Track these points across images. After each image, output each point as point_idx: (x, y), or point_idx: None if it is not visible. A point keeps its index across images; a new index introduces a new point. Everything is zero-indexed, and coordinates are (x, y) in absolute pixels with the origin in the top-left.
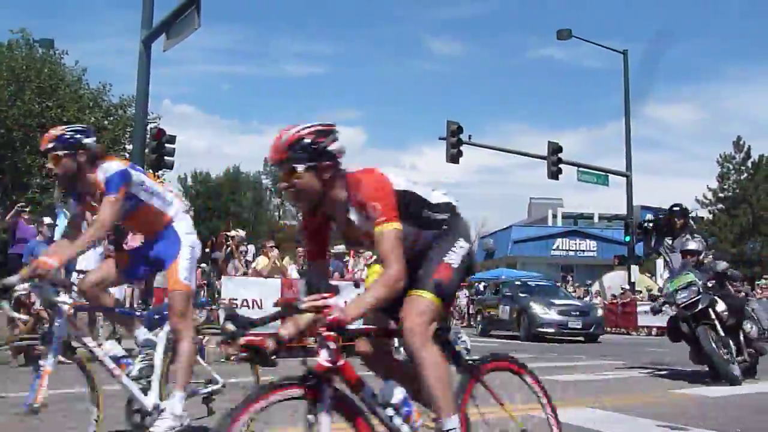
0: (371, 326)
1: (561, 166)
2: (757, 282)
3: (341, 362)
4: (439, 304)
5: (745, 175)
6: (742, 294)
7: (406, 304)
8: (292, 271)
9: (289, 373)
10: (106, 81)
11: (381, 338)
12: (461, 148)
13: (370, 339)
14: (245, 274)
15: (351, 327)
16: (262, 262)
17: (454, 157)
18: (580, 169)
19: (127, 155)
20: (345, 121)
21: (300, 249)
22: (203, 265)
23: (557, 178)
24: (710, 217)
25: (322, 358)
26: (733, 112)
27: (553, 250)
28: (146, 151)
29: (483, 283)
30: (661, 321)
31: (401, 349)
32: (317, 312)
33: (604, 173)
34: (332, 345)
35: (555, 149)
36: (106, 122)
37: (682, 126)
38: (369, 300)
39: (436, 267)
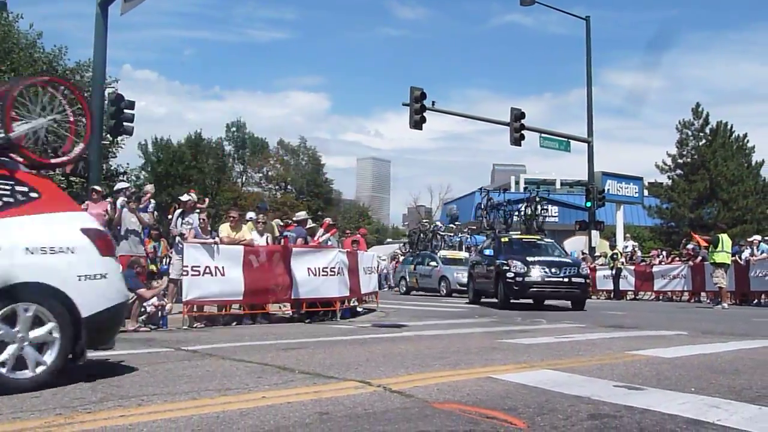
0: None
1: (524, 132)
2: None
3: None
4: None
5: (704, 141)
6: None
7: None
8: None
9: None
10: (63, 45)
11: None
12: (425, 114)
13: None
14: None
15: None
16: (224, 230)
17: (417, 124)
18: (542, 135)
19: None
20: (309, 87)
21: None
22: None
23: (520, 145)
24: (669, 182)
25: None
26: (692, 80)
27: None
28: (104, 116)
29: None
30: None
31: None
32: None
33: (565, 139)
34: None
35: (518, 115)
36: None
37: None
38: None
39: None
